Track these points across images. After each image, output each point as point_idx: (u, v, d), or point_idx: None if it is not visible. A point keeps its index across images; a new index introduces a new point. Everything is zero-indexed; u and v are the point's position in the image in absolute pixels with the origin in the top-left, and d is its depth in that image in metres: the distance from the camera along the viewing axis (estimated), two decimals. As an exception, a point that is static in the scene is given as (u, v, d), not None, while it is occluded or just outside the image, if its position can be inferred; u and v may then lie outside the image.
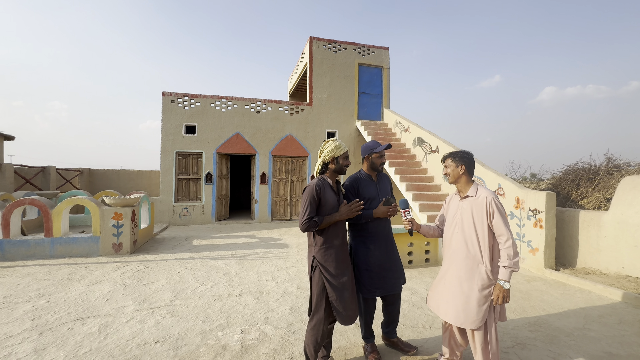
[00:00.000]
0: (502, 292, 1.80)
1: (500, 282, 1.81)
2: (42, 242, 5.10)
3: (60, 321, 2.88)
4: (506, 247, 1.82)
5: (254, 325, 2.85)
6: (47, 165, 9.35)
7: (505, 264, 1.81)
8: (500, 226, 1.83)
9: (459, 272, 1.95)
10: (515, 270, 1.80)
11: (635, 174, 5.39)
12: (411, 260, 4.84)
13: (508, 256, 1.80)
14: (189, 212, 9.13)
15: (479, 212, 1.90)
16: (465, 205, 1.98)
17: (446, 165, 2.09)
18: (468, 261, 1.92)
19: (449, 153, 2.10)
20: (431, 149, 7.69)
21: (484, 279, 1.87)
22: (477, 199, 1.93)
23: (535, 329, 2.85)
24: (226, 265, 4.81)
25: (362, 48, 10.65)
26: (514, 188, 5.12)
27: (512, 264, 1.79)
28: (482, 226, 1.88)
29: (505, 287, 1.80)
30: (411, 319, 3.04)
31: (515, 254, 1.80)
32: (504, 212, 1.88)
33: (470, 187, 2.01)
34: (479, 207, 1.90)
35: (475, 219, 1.91)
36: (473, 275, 1.90)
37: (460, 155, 2.03)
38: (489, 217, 1.87)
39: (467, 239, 1.93)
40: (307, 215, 1.95)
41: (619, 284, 3.90)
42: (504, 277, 1.80)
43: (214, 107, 9.40)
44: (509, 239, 1.81)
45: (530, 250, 4.75)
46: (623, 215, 4.20)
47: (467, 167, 2.01)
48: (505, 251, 1.82)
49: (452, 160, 2.05)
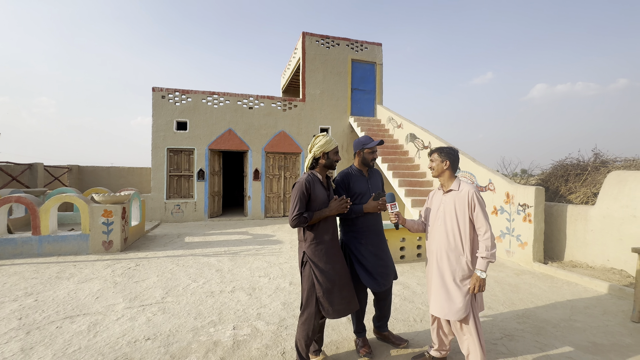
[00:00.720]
0: (479, 280, 1.89)
1: (478, 271, 1.89)
2: (29, 241, 5.00)
3: (49, 320, 2.84)
4: (485, 239, 1.90)
5: (246, 321, 2.85)
6: (34, 163, 9.15)
7: (483, 255, 1.89)
8: (481, 219, 1.92)
9: (441, 264, 2.02)
10: (491, 260, 1.88)
11: (621, 169, 5.51)
12: (403, 255, 4.88)
13: (486, 247, 1.88)
14: (181, 209, 9.04)
15: (462, 205, 1.97)
16: (448, 199, 2.05)
17: (432, 160, 2.15)
18: (450, 253, 1.99)
19: (436, 148, 2.16)
20: (423, 144, 7.74)
21: (464, 269, 1.96)
22: (460, 192, 2.01)
23: (523, 320, 2.91)
24: (219, 262, 4.79)
25: (355, 44, 10.61)
26: (504, 183, 5.19)
27: (489, 255, 1.87)
28: (464, 219, 1.96)
29: (481, 276, 1.88)
30: (402, 312, 3.07)
31: (492, 246, 1.88)
32: (485, 206, 1.97)
33: (453, 181, 2.09)
34: (462, 201, 1.98)
35: (458, 212, 1.99)
36: (455, 267, 1.97)
37: (446, 151, 2.10)
38: (471, 210, 1.95)
39: (449, 232, 2.00)
40: (296, 211, 1.95)
41: (605, 276, 4.00)
42: (481, 267, 1.88)
43: (206, 103, 9.29)
44: (488, 231, 1.90)
45: (520, 244, 4.83)
46: (609, 210, 4.29)
47: (452, 162, 2.08)
48: (483, 242, 1.90)
49: (438, 154, 2.12)
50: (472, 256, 1.97)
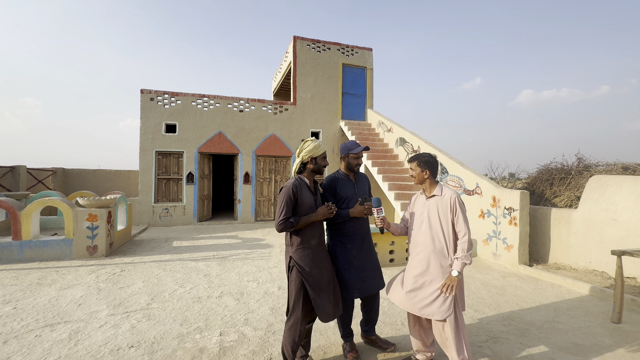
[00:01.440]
0: (452, 280, 1.95)
1: (453, 271, 1.97)
2: (9, 246, 4.84)
3: (27, 328, 2.75)
4: (463, 242, 1.98)
5: (233, 327, 2.82)
6: (16, 165, 8.89)
7: (459, 256, 1.97)
8: (461, 223, 2.00)
9: (425, 266, 2.06)
10: (467, 262, 1.96)
11: (603, 173, 5.68)
12: (393, 259, 4.91)
13: (462, 249, 1.97)
14: (170, 212, 8.91)
15: (444, 209, 2.04)
16: (432, 204, 2.11)
17: (412, 168, 2.20)
18: (435, 256, 2.04)
19: (414, 156, 2.20)
20: (413, 149, 7.83)
21: (448, 273, 2.01)
22: (443, 197, 2.07)
23: (508, 322, 2.95)
24: (207, 266, 4.72)
25: (346, 49, 10.70)
26: (490, 187, 5.29)
27: (465, 257, 1.95)
28: (447, 223, 2.03)
29: (454, 275, 1.96)
30: (390, 316, 3.08)
31: (469, 248, 1.97)
32: (465, 210, 2.06)
33: (435, 187, 2.14)
34: (444, 205, 2.05)
35: (441, 216, 2.05)
36: (439, 269, 2.02)
37: (424, 160, 2.14)
38: (453, 214, 2.02)
39: (434, 235, 2.06)
40: (283, 216, 1.94)
41: (587, 278, 4.11)
42: (457, 267, 1.97)
43: (196, 106, 9.21)
44: (466, 234, 1.98)
45: (506, 247, 4.92)
46: (590, 213, 4.42)
47: (431, 171, 2.14)
48: (461, 245, 1.99)
49: (417, 164, 2.16)
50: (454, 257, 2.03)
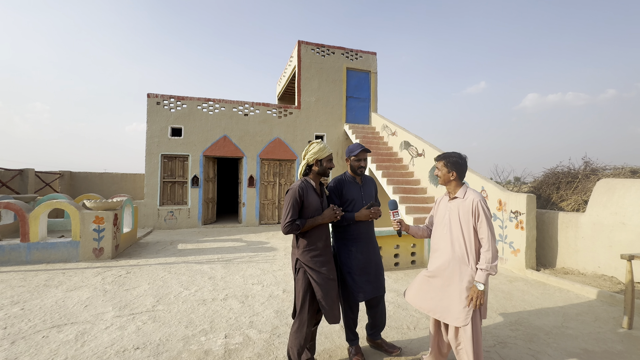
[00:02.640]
0: (477, 293, 1.82)
1: (476, 284, 1.83)
2: (17, 248, 4.90)
3: (35, 329, 2.77)
4: (486, 251, 1.84)
5: (238, 330, 2.81)
6: (25, 168, 9.02)
7: (482, 267, 1.83)
8: (484, 229, 1.85)
9: (445, 271, 1.96)
10: (492, 273, 1.82)
11: (610, 177, 5.61)
12: (397, 262, 4.88)
13: (487, 260, 1.82)
14: (175, 215, 8.95)
15: (466, 213, 1.91)
16: (453, 207, 1.99)
17: (438, 167, 2.07)
18: (455, 262, 1.93)
19: (441, 155, 2.07)
20: (417, 152, 7.81)
21: (469, 280, 1.89)
22: (465, 200, 1.94)
23: (516, 327, 2.91)
24: (211, 269, 4.73)
25: (350, 53, 10.76)
26: (496, 191, 5.25)
27: (489, 267, 1.81)
28: (468, 228, 1.90)
29: (479, 288, 1.81)
30: (396, 320, 3.05)
31: (494, 258, 1.82)
32: (490, 216, 1.89)
33: (459, 189, 2.01)
34: (466, 209, 1.91)
35: (462, 220, 1.92)
36: (460, 275, 1.91)
37: (453, 161, 2.00)
38: (475, 219, 1.89)
39: (454, 240, 1.94)
40: (289, 218, 1.95)
41: (595, 282, 4.04)
42: (480, 279, 1.82)
43: (201, 110, 9.30)
44: (490, 242, 1.83)
45: (512, 251, 4.87)
46: (598, 217, 4.36)
47: (458, 173, 2.01)
48: (485, 254, 1.84)
49: (444, 164, 2.03)
50: (476, 266, 1.90)
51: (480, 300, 1.82)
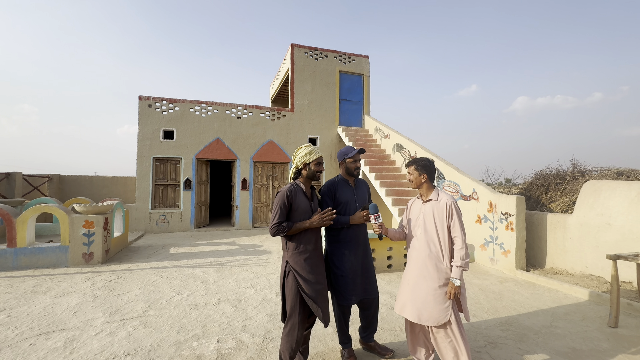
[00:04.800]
0: (454, 288, 1.96)
1: (453, 279, 1.96)
2: (4, 253, 4.79)
3: (22, 337, 2.71)
4: (459, 248, 1.98)
5: (231, 334, 2.80)
6: (12, 171, 8.83)
7: (457, 264, 1.96)
8: (457, 228, 2.00)
9: (421, 271, 2.06)
10: (465, 269, 1.96)
11: (597, 178, 5.75)
12: (390, 265, 4.91)
13: (461, 257, 1.96)
14: (167, 219, 8.86)
15: (440, 214, 2.04)
16: (428, 208, 2.11)
17: (409, 172, 2.21)
18: (430, 260, 2.04)
19: (411, 160, 2.22)
20: (410, 155, 7.89)
21: (444, 277, 2.01)
22: (439, 202, 2.07)
23: (506, 328, 2.96)
24: (204, 273, 4.69)
25: (343, 56, 10.84)
26: (487, 193, 5.33)
27: (463, 264, 1.95)
28: (443, 227, 2.03)
29: (456, 284, 1.95)
30: (389, 322, 3.07)
31: (466, 255, 1.97)
32: (461, 216, 2.07)
33: (432, 191, 2.15)
34: (440, 210, 2.05)
35: (437, 221, 2.05)
36: (435, 274, 2.02)
37: (422, 164, 2.16)
38: (448, 219, 2.03)
39: (429, 240, 2.06)
40: (276, 220, 1.97)
41: (583, 282, 4.13)
42: (456, 275, 1.96)
43: (194, 112, 9.25)
44: (463, 240, 1.98)
45: (503, 252, 4.94)
46: (585, 218, 4.46)
47: (429, 175, 2.15)
48: (458, 252, 1.98)
49: (414, 168, 2.18)
50: (451, 264, 2.03)
51: (458, 294, 1.96)
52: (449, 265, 2.02)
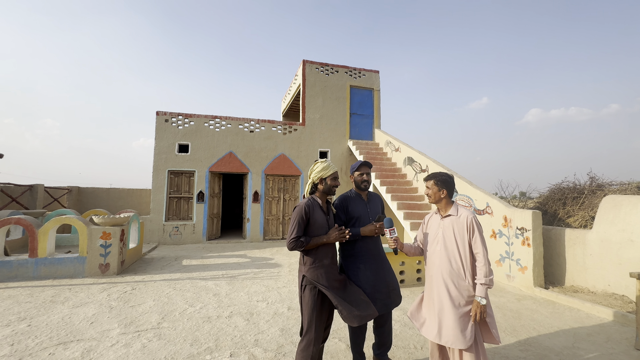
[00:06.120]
0: (479, 307, 1.88)
1: (477, 298, 1.89)
2: (25, 263, 4.95)
3: (41, 346, 2.78)
4: (482, 265, 1.91)
5: (243, 348, 2.80)
6: (34, 184, 9.20)
7: (482, 281, 1.89)
8: (479, 244, 1.94)
9: (441, 289, 2.00)
10: (489, 286, 1.89)
11: (617, 193, 5.58)
12: (403, 280, 4.83)
13: (484, 273, 1.90)
14: (180, 231, 8.99)
15: (461, 230, 2.00)
16: (447, 224, 2.07)
17: (428, 187, 2.18)
18: (451, 278, 1.98)
19: (431, 174, 2.19)
20: (421, 168, 7.85)
21: (466, 294, 1.95)
22: (459, 218, 2.03)
23: (525, 348, 2.85)
24: (216, 285, 4.72)
25: (354, 71, 11.03)
26: (501, 207, 5.24)
27: (488, 281, 1.88)
28: (464, 243, 1.98)
29: (481, 302, 1.88)
30: (402, 339, 3.01)
31: (490, 272, 1.90)
32: (482, 231, 2.01)
33: (451, 207, 2.11)
34: (461, 226, 2.00)
35: (457, 237, 2.00)
36: (456, 292, 1.95)
37: (442, 180, 2.13)
38: (470, 235, 1.97)
39: (450, 256, 2.01)
40: (294, 235, 1.99)
41: (606, 301, 3.96)
42: (481, 293, 1.89)
43: (208, 127, 9.51)
44: (485, 257, 1.92)
45: (520, 269, 4.80)
46: (606, 234, 4.32)
47: (448, 190, 2.12)
48: (482, 269, 1.91)
49: (434, 183, 2.15)
50: (473, 280, 1.96)
51: (484, 314, 1.87)
52: (471, 283, 1.95)
